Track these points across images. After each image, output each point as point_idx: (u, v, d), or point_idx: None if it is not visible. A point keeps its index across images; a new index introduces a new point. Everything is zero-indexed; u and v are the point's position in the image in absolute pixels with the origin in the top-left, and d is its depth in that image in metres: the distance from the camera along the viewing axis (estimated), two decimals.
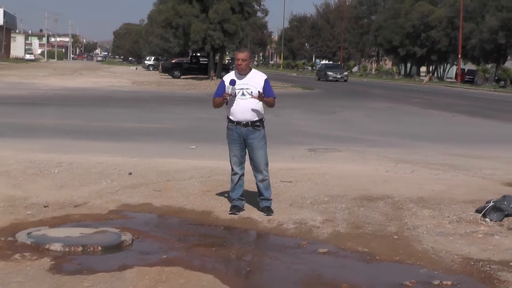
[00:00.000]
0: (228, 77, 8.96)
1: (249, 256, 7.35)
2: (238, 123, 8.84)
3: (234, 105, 8.80)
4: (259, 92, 8.67)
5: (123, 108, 27.56)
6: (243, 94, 8.75)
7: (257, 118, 8.88)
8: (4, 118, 21.33)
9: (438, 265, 7.02)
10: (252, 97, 8.72)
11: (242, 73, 8.83)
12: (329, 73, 72.36)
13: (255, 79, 8.84)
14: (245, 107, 8.77)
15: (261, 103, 8.84)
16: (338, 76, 71.69)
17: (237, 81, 8.76)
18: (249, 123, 8.83)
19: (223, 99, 8.76)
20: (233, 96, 8.72)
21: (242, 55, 8.84)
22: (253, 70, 8.98)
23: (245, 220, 8.65)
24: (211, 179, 11.02)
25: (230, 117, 8.91)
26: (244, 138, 8.87)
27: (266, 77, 9.03)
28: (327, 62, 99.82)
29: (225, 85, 8.84)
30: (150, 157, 13.40)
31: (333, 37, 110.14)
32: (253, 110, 8.80)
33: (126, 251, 7.15)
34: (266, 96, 8.77)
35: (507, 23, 68.66)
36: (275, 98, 9.04)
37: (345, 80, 71.64)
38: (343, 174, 12.08)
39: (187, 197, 9.72)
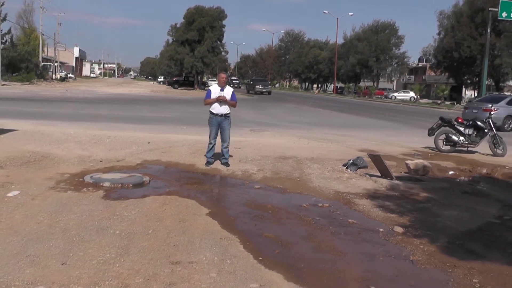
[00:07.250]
0: (213, 88, 8.98)
1: (216, 190, 7.35)
2: (217, 114, 8.87)
3: (215, 105, 8.82)
4: (218, 97, 8.74)
5: (145, 105, 27.04)
6: None
7: (228, 112, 8.92)
8: (79, 110, 20.92)
9: (322, 195, 7.12)
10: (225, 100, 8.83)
11: (222, 86, 8.86)
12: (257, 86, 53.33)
13: (228, 90, 8.90)
14: (222, 106, 8.84)
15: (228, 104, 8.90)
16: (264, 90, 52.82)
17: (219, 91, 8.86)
18: (223, 115, 8.87)
19: (218, 99, 8.73)
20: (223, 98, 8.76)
21: (224, 75, 9.00)
22: (227, 86, 8.99)
23: (213, 170, 8.61)
24: (195, 146, 10.92)
25: (212, 111, 8.90)
26: (219, 123, 8.89)
27: (233, 90, 9.10)
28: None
29: (211, 92, 8.87)
30: (160, 133, 13.21)
31: (264, 67, 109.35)
32: (226, 108, 8.87)
33: (146, 187, 7.06)
34: (231, 100, 8.86)
35: (361, 61, 70.19)
36: (236, 102, 9.04)
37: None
38: (269, 144, 12.12)
39: (181, 156, 9.64)
